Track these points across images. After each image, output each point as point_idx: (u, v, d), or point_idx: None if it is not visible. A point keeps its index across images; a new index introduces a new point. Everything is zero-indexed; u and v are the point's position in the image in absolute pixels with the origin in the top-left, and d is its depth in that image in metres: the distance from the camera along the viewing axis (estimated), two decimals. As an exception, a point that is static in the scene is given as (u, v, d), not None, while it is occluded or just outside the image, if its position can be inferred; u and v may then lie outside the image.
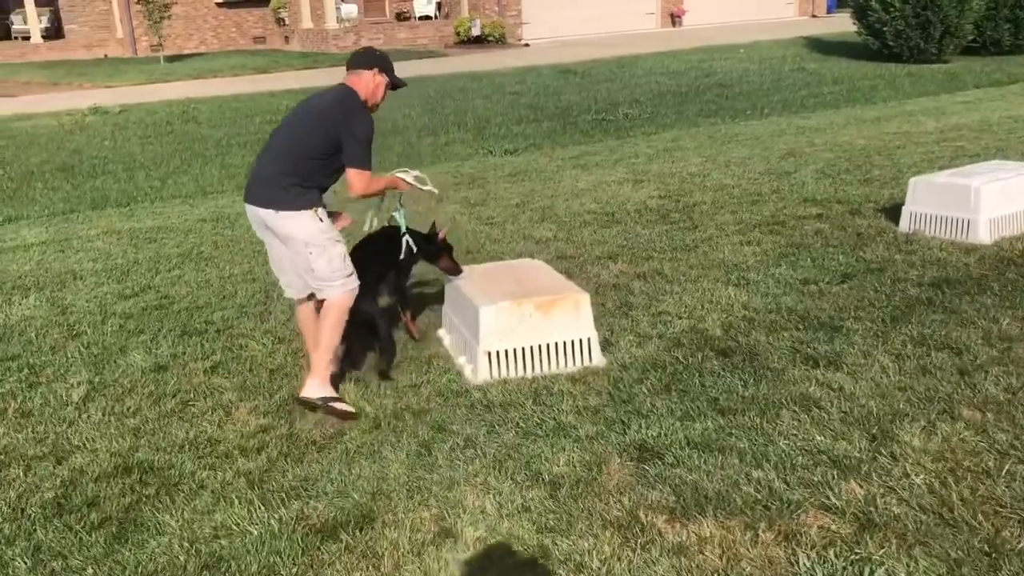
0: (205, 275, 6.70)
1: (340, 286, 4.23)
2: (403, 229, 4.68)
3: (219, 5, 30.65)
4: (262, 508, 3.43)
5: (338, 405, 4.19)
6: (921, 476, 3.35)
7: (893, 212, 6.88)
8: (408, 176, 4.59)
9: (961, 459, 3.46)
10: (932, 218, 6.46)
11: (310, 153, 4.16)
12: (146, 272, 6.88)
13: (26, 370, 5.02)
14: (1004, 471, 3.35)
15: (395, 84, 4.41)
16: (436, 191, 4.83)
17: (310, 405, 4.19)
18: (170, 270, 6.92)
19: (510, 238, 7.16)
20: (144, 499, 3.56)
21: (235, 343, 5.24)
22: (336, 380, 4.43)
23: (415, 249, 4.73)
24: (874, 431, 3.69)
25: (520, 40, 28.02)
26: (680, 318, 5.14)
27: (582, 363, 4.58)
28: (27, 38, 29.97)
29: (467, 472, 3.60)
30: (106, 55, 29.26)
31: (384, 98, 4.40)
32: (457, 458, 3.71)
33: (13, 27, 30.78)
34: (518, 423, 3.98)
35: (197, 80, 22.22)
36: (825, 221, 7.01)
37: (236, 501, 3.47)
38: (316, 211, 4.16)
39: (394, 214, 4.71)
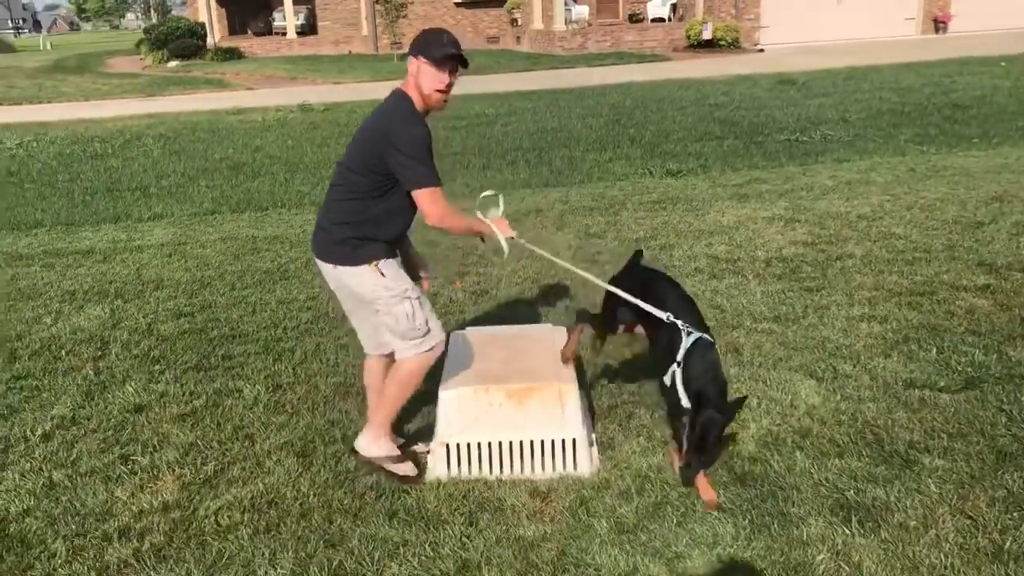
0: (269, 297, 6.40)
1: (412, 347, 3.61)
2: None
3: (457, 5, 31.31)
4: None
5: (393, 467, 3.73)
6: None
7: (1087, 292, 5.33)
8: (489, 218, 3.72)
9: None
10: None
11: (352, 188, 3.47)
12: (222, 288, 6.69)
13: (24, 393, 4.88)
14: None
15: (438, 60, 3.40)
16: (506, 250, 3.74)
17: (363, 462, 3.77)
18: (244, 287, 6.69)
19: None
20: (-20, 584, 3.17)
21: (231, 385, 4.83)
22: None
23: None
24: (865, 653, 2.59)
25: (755, 45, 26.32)
26: (719, 419, 4.09)
27: (563, 468, 3.71)
28: (284, 34, 32.14)
29: (318, 614, 2.91)
30: (350, 51, 30.74)
31: (444, 87, 3.46)
32: (323, 591, 3.02)
33: (274, 23, 33.14)
34: (426, 550, 3.21)
35: (417, 79, 22.62)
36: (989, 296, 5.56)
37: (59, 606, 2.99)
38: (376, 265, 3.52)
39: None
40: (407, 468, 3.78)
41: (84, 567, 3.23)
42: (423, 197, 3.39)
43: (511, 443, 3.72)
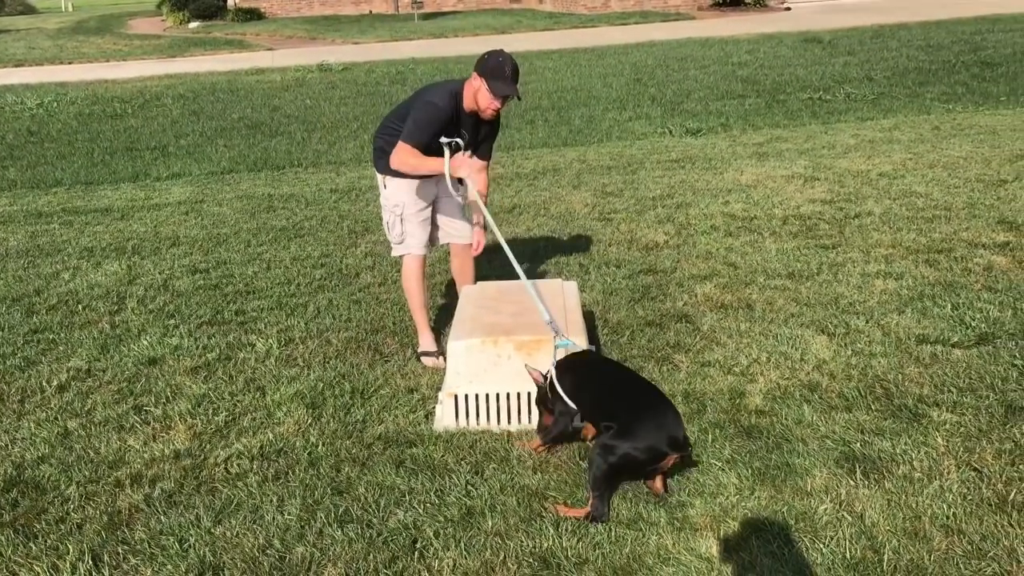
0: (283, 254, 6.43)
1: (395, 249, 4.62)
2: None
3: (478, -36, 30.90)
4: (91, 564, 2.97)
5: (424, 360, 4.47)
6: None
7: (1108, 250, 5.24)
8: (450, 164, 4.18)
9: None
10: None
11: (394, 122, 4.37)
12: (237, 245, 6.73)
13: (41, 346, 4.95)
14: None
15: (495, 92, 4.09)
16: (463, 199, 4.52)
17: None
18: (260, 244, 6.73)
19: (612, 240, 6.27)
20: (-6, 527, 3.23)
21: (244, 339, 4.87)
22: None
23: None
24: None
25: (782, 3, 25.89)
26: (727, 374, 4.09)
27: (571, 420, 3.71)
28: (305, -6, 31.90)
29: (322, 559, 2.94)
30: (371, 11, 30.52)
31: (493, 105, 4.15)
32: (329, 537, 3.05)
33: (295, -17, 32.86)
34: (431, 498, 3.24)
35: (437, 39, 22.49)
36: (1008, 253, 5.49)
37: (69, 551, 3.04)
38: (384, 179, 4.47)
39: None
40: (432, 362, 4.43)
41: (96, 511, 3.28)
42: (397, 145, 4.20)
43: (519, 395, 3.73)
